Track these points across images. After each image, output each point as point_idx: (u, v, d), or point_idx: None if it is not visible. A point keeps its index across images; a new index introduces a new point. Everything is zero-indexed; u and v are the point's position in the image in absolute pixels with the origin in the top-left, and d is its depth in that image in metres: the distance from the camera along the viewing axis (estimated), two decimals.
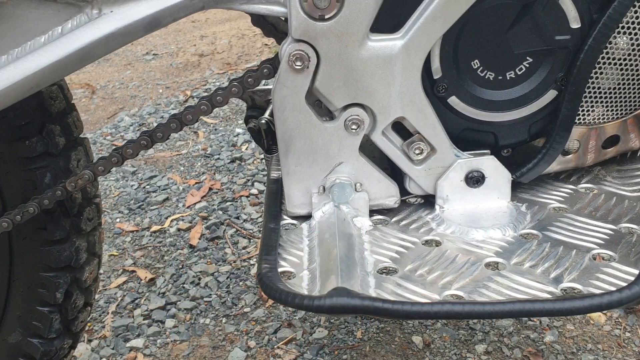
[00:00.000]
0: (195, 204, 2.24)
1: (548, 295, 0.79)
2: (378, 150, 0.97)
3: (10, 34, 0.86)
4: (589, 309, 0.74)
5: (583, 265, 0.84)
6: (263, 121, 1.16)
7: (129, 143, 0.99)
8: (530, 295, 0.79)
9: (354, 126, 0.92)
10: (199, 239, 2.03)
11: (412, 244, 0.92)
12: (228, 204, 2.21)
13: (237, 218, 2.12)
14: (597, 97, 0.96)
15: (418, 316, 0.75)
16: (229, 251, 1.96)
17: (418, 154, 0.95)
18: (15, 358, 1.16)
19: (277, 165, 1.09)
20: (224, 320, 1.68)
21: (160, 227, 2.12)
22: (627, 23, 0.90)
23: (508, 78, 0.94)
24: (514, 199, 0.99)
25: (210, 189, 2.32)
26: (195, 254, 1.96)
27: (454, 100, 0.94)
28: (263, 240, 0.91)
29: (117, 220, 2.20)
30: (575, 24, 0.90)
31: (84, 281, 1.18)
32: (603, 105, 0.97)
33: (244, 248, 1.97)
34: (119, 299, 1.80)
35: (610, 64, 0.93)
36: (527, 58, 0.92)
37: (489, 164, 0.96)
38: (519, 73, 0.94)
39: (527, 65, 0.93)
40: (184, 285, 1.82)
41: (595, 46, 0.89)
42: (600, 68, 0.93)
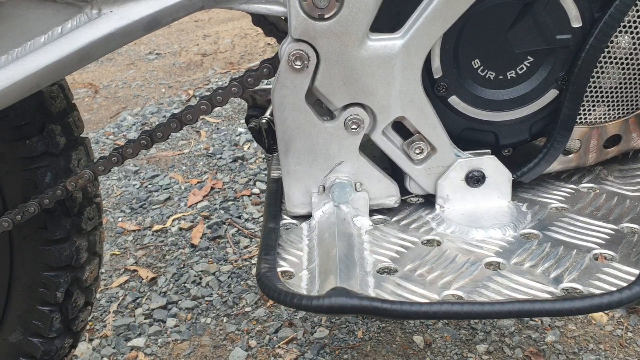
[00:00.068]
0: (197, 203, 2.24)
1: (548, 296, 0.78)
2: (378, 150, 0.97)
3: (10, 34, 0.86)
4: (589, 309, 0.73)
5: (583, 265, 0.83)
6: (264, 121, 1.16)
7: (129, 143, 0.99)
8: (530, 295, 0.79)
9: (354, 126, 0.92)
10: (201, 238, 2.03)
11: (412, 243, 0.92)
12: (230, 203, 2.21)
13: (239, 217, 2.12)
14: (599, 97, 0.96)
15: (417, 316, 0.75)
16: (230, 250, 1.96)
17: (418, 154, 0.95)
18: (15, 357, 1.16)
19: (278, 165, 1.09)
20: (225, 319, 1.68)
21: (162, 227, 2.12)
22: (629, 22, 0.90)
23: (509, 77, 0.94)
24: (514, 198, 0.99)
25: (212, 188, 2.33)
26: (197, 253, 1.96)
27: (454, 100, 0.94)
28: (262, 239, 0.91)
29: (119, 219, 2.20)
30: (576, 23, 0.90)
31: (84, 280, 1.18)
32: (604, 105, 0.97)
33: (246, 247, 1.97)
34: (121, 298, 1.80)
35: (611, 63, 0.93)
36: (528, 57, 0.92)
37: (490, 164, 0.96)
38: (519, 72, 0.93)
39: (528, 65, 0.93)
40: (185, 284, 1.83)
41: (596, 45, 0.89)
42: (601, 67, 0.93)
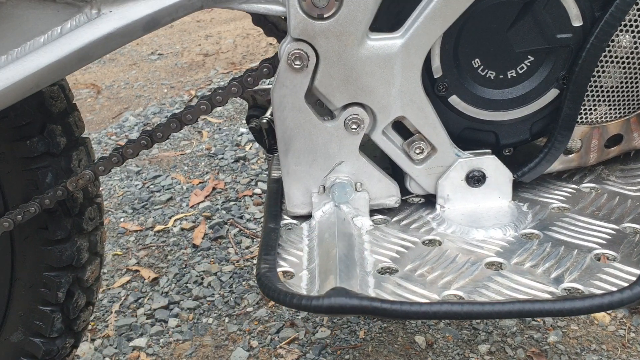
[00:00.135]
0: (198, 203, 2.24)
1: (549, 296, 0.78)
2: (379, 150, 0.97)
3: (10, 34, 0.86)
4: (590, 310, 0.73)
5: (584, 265, 0.83)
6: (264, 120, 1.16)
7: (129, 143, 0.99)
8: (531, 295, 0.79)
9: (354, 125, 0.92)
10: (202, 238, 2.03)
11: (413, 243, 0.92)
12: (231, 203, 2.21)
13: (241, 218, 2.12)
14: (600, 96, 0.95)
15: (417, 316, 0.75)
16: (232, 251, 1.96)
17: (418, 154, 0.95)
18: (17, 357, 1.17)
19: (278, 165, 1.09)
20: (226, 319, 1.68)
21: (163, 227, 2.12)
22: (630, 21, 0.89)
23: (509, 77, 0.93)
24: (515, 198, 0.98)
25: (213, 188, 2.33)
26: (199, 253, 1.96)
27: (454, 100, 0.94)
28: (263, 239, 0.91)
29: (121, 219, 2.20)
30: (577, 22, 0.89)
31: (85, 280, 1.18)
32: (605, 104, 0.97)
33: (247, 248, 1.97)
34: (123, 298, 1.80)
35: (612, 62, 0.93)
36: (529, 57, 0.92)
37: (490, 164, 0.95)
38: (520, 72, 0.93)
39: (529, 64, 0.92)
40: (187, 284, 1.83)
41: (597, 44, 0.89)
42: (602, 66, 0.93)
